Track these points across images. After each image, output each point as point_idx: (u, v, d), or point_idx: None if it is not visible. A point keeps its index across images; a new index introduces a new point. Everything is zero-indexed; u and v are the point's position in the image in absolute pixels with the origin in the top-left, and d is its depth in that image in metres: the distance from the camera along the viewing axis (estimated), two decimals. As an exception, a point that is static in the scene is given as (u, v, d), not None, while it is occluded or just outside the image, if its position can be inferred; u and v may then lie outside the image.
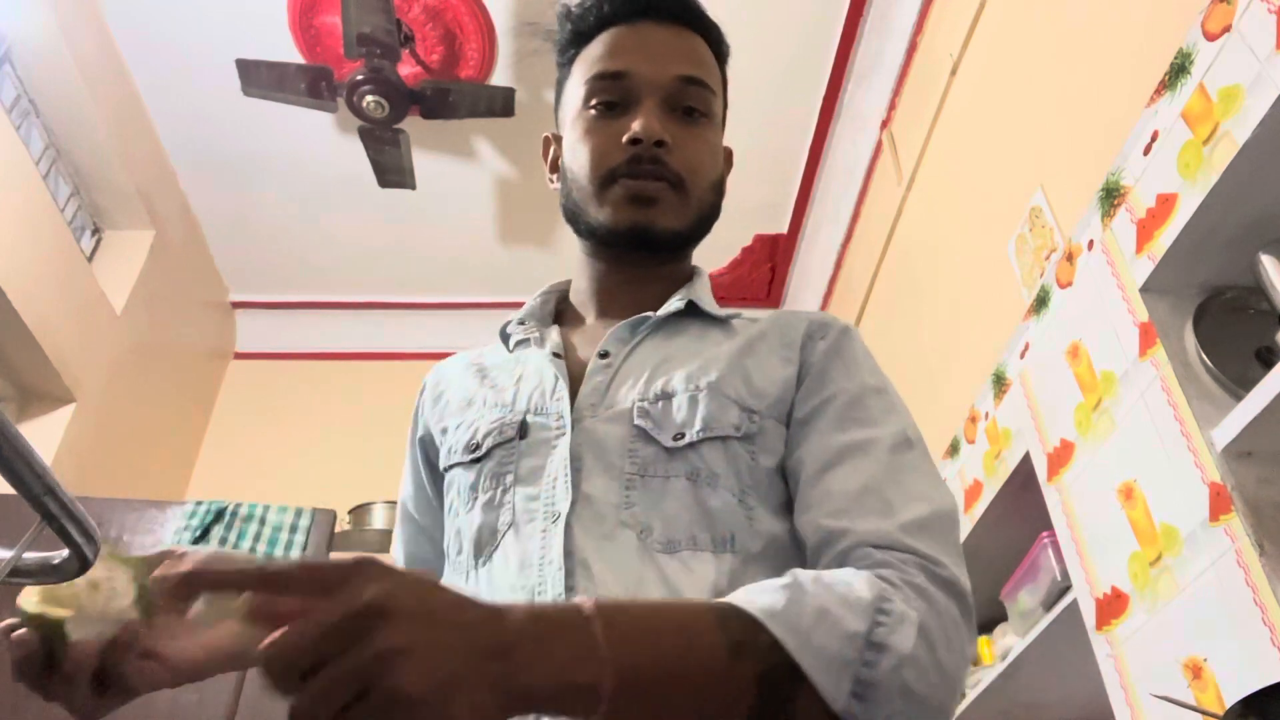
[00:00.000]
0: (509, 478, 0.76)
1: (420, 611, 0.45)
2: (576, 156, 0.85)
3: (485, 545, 0.75)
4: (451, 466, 0.82)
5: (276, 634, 0.42)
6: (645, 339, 0.83)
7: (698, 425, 0.73)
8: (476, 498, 0.77)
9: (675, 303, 0.85)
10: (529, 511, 0.73)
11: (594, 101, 0.85)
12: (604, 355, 0.81)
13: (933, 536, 0.66)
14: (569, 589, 0.67)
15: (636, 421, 0.74)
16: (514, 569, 0.71)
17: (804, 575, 0.60)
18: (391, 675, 0.42)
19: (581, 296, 0.91)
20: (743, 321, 0.86)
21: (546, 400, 0.79)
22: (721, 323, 0.86)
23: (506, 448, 0.78)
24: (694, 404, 0.75)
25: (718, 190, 0.88)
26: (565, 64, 0.91)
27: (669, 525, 0.70)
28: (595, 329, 0.87)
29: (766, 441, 0.75)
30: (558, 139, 0.92)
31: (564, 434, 0.75)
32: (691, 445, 0.73)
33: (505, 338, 0.91)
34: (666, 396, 0.76)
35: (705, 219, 0.87)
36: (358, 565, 0.46)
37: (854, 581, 0.59)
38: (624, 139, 0.81)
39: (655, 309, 0.85)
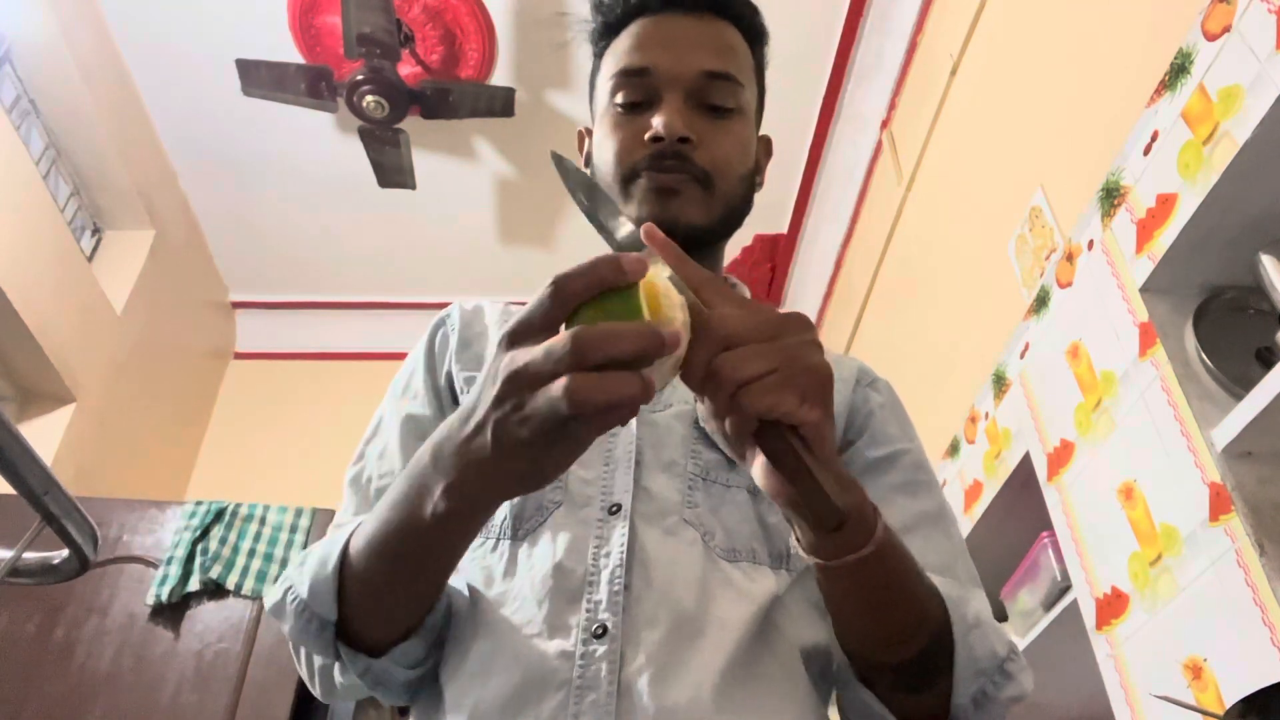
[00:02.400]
0: None
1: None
2: (602, 154, 0.83)
3: (529, 519, 0.71)
4: None
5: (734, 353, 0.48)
6: None
7: None
8: None
9: None
10: (584, 495, 0.71)
11: (618, 98, 0.83)
12: None
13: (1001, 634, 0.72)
14: (626, 586, 0.65)
15: (701, 423, 0.73)
16: (562, 550, 0.68)
17: (970, 593, 0.67)
18: (813, 357, 0.49)
19: None
20: None
21: None
22: None
23: None
24: None
25: (749, 183, 0.86)
26: (597, 55, 0.89)
27: (730, 534, 0.69)
28: None
29: None
30: (590, 133, 0.90)
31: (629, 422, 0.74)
32: None
33: None
34: None
35: (734, 213, 0.84)
36: (789, 315, 0.52)
37: (993, 620, 0.67)
38: (646, 136, 0.79)
39: None
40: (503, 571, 0.70)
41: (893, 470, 0.76)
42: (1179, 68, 1.44)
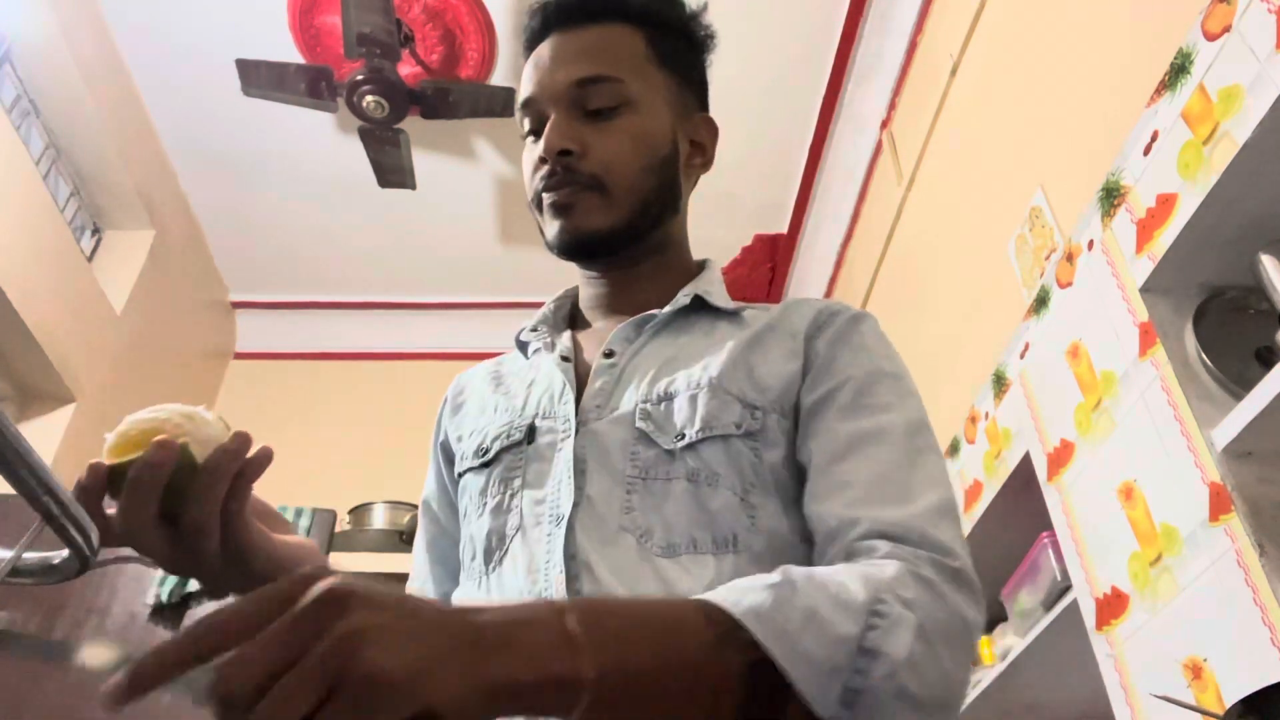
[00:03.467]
0: (516, 482, 0.76)
1: (380, 598, 0.40)
2: (524, 184, 0.88)
3: (494, 550, 0.75)
4: (464, 472, 0.83)
5: (221, 659, 0.37)
6: (652, 338, 0.83)
7: (697, 425, 0.72)
8: (486, 503, 0.78)
9: (681, 298, 0.84)
10: (535, 515, 0.73)
11: (524, 129, 0.88)
12: (609, 355, 0.81)
13: (948, 525, 0.64)
14: (572, 592, 0.67)
15: (638, 424, 0.74)
16: (522, 573, 0.71)
17: (796, 573, 0.56)
18: (361, 657, 0.37)
19: (587, 303, 0.92)
20: (754, 313, 0.85)
21: (554, 404, 0.79)
22: (731, 315, 0.85)
23: (514, 452, 0.78)
24: (694, 403, 0.74)
25: (663, 171, 0.85)
26: None
27: (669, 529, 0.69)
28: (603, 330, 0.86)
29: (770, 437, 0.73)
30: None
31: (569, 437, 0.75)
32: (691, 446, 0.72)
33: (522, 346, 0.91)
34: (669, 398, 0.75)
35: (648, 206, 0.84)
36: (304, 573, 0.41)
37: (848, 580, 0.56)
38: (537, 158, 0.84)
39: (661, 305, 0.84)
40: (485, 580, 0.75)
41: (833, 403, 0.74)
42: (1179, 68, 1.44)
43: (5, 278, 2.46)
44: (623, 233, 0.83)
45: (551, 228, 0.83)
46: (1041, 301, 1.85)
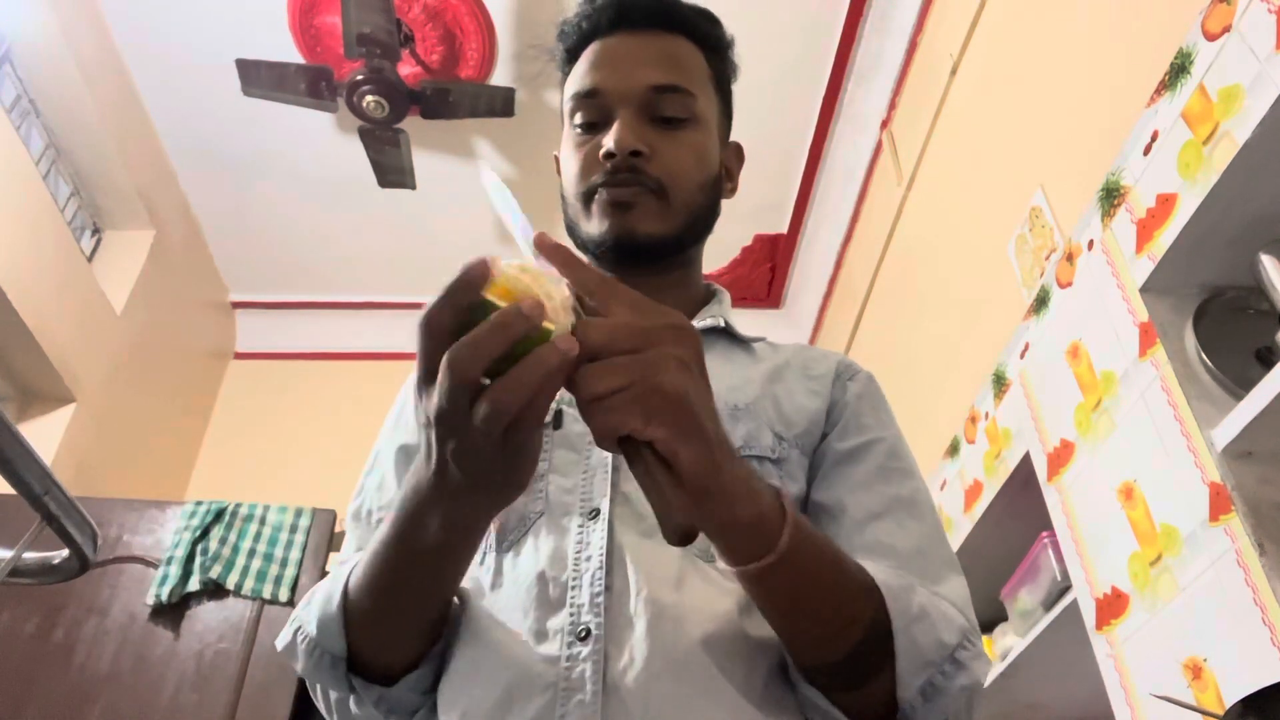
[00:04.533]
0: (543, 464, 0.75)
1: (703, 358, 0.52)
2: (566, 174, 0.87)
3: (512, 530, 0.74)
4: None
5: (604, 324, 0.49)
6: None
7: (739, 442, 0.74)
8: None
9: (709, 320, 0.86)
10: (564, 504, 0.73)
11: (576, 121, 0.86)
12: None
13: (971, 615, 0.70)
14: (607, 588, 0.67)
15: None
16: (544, 558, 0.70)
17: (907, 575, 0.65)
18: (666, 372, 0.48)
19: None
20: (765, 347, 0.88)
21: None
22: (745, 345, 0.87)
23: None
24: (733, 420, 0.76)
25: (711, 190, 0.87)
26: (562, 82, 0.92)
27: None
28: None
29: (791, 469, 0.76)
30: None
31: None
32: None
33: None
34: None
35: (696, 221, 0.86)
36: (677, 313, 0.52)
37: (949, 609, 0.65)
38: (600, 154, 0.82)
39: None
40: (490, 583, 0.72)
41: (866, 459, 0.77)
42: (1179, 68, 1.44)
43: (5, 278, 2.47)
44: (672, 242, 0.84)
45: (603, 224, 0.82)
46: (1041, 301, 1.85)
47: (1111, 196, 1.61)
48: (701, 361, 0.52)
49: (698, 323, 0.86)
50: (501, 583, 0.71)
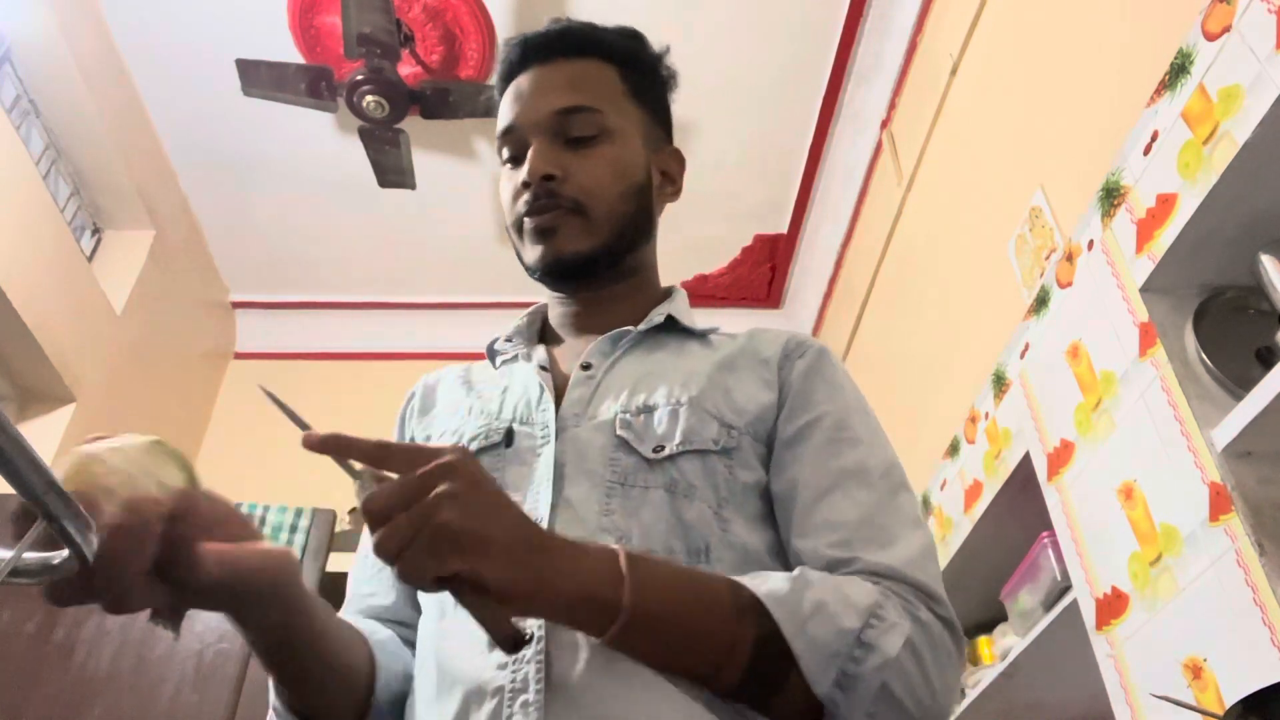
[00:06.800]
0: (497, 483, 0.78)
1: (482, 478, 0.56)
2: (504, 209, 0.91)
3: None
4: None
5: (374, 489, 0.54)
6: (626, 353, 0.86)
7: (678, 438, 0.75)
8: None
9: (656, 317, 0.88)
10: None
11: (503, 158, 0.91)
12: (586, 367, 0.84)
13: (933, 568, 0.70)
14: None
15: (619, 432, 0.77)
16: None
17: (811, 572, 0.65)
18: (443, 513, 0.52)
19: (558, 321, 0.95)
20: (720, 337, 0.89)
21: (532, 410, 0.81)
22: (700, 337, 0.89)
23: (492, 454, 0.79)
24: (675, 418, 0.77)
25: (637, 199, 0.89)
26: None
27: (646, 535, 0.72)
28: (577, 345, 0.90)
29: (743, 457, 0.77)
30: None
31: (548, 442, 0.77)
32: (671, 458, 0.75)
33: (492, 355, 0.94)
34: (648, 410, 0.78)
35: (624, 231, 0.88)
36: (450, 447, 0.56)
37: (853, 585, 0.65)
38: (519, 183, 0.87)
39: (634, 325, 0.88)
40: (452, 602, 0.73)
41: (813, 435, 0.78)
42: (1179, 68, 1.44)
43: (5, 278, 2.46)
44: (601, 256, 0.87)
45: (533, 252, 0.87)
46: (1041, 301, 1.85)
47: (1111, 196, 1.61)
48: (476, 479, 0.56)
49: (646, 323, 0.88)
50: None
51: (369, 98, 2.83)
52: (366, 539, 0.93)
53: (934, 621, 0.66)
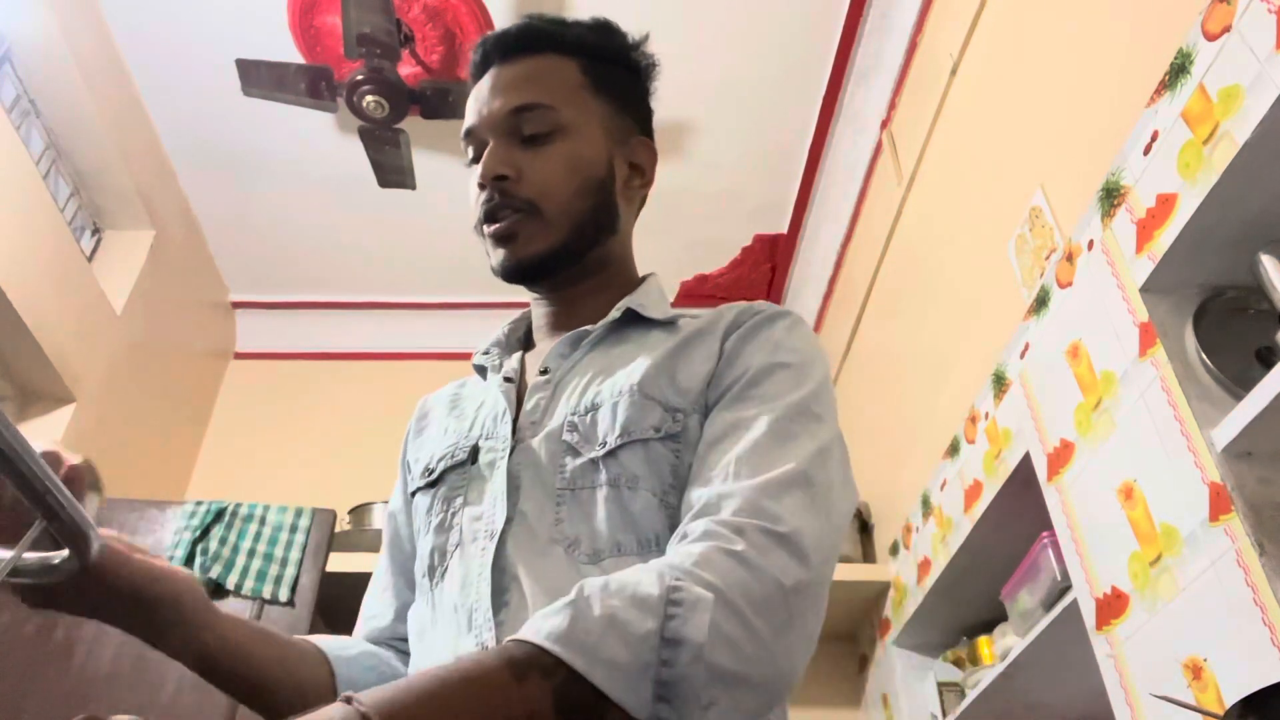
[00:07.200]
0: (458, 500, 0.79)
1: None
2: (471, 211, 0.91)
3: (437, 566, 0.78)
4: (414, 492, 0.87)
5: None
6: (588, 353, 0.86)
7: (617, 431, 0.75)
8: (431, 521, 0.81)
9: (614, 312, 0.87)
10: (473, 531, 0.76)
11: (467, 160, 0.91)
12: (544, 372, 0.85)
13: (790, 496, 0.64)
14: (500, 605, 0.70)
15: (565, 437, 0.77)
16: (457, 587, 0.74)
17: (591, 585, 0.57)
18: None
19: (536, 323, 0.95)
20: (688, 320, 0.87)
21: (496, 424, 0.82)
22: (666, 325, 0.87)
23: (458, 472, 0.81)
24: (614, 411, 0.76)
25: (596, 194, 0.88)
26: None
27: (595, 536, 0.71)
28: (546, 349, 0.90)
29: (690, 438, 0.75)
30: None
31: (505, 455, 0.78)
32: (612, 453, 0.74)
33: (480, 370, 0.94)
34: (594, 408, 0.78)
35: (584, 227, 0.87)
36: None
37: (642, 578, 0.57)
38: (476, 186, 0.87)
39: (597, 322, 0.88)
40: (429, 620, 0.77)
41: (725, 397, 0.76)
42: (1179, 68, 1.44)
43: (5, 278, 2.46)
44: (560, 254, 0.86)
45: (495, 256, 0.87)
46: (1041, 301, 1.85)
47: (1111, 196, 1.61)
48: None
49: (605, 319, 0.87)
50: (436, 617, 0.76)
51: (369, 98, 2.83)
52: (379, 562, 0.97)
53: (758, 551, 0.59)
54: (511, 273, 0.87)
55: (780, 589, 0.59)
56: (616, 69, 0.93)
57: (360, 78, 2.81)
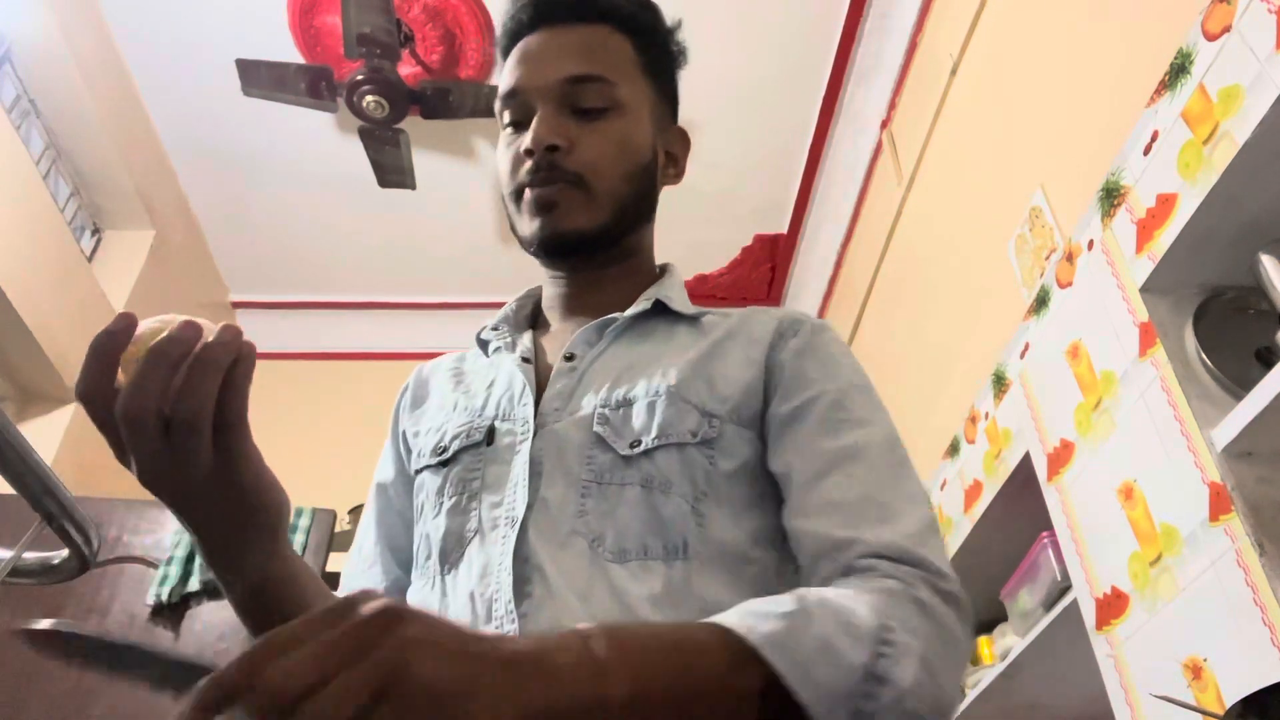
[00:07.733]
0: (475, 484, 0.76)
1: (431, 618, 0.43)
2: (500, 177, 0.87)
3: (451, 552, 0.75)
4: (420, 470, 0.83)
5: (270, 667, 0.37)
6: (613, 342, 0.83)
7: (653, 432, 0.73)
8: (443, 503, 0.77)
9: (642, 303, 0.85)
10: (493, 519, 0.73)
11: (504, 122, 0.86)
12: (569, 358, 0.82)
13: (936, 543, 0.66)
14: (523, 595, 0.67)
15: (596, 428, 0.74)
16: (476, 576, 0.71)
17: (810, 597, 0.58)
18: (416, 666, 0.39)
19: (549, 303, 0.92)
20: (713, 319, 0.85)
21: (514, 405, 0.79)
22: (691, 320, 0.85)
23: (473, 453, 0.78)
24: (652, 410, 0.74)
25: (641, 179, 0.86)
26: None
27: (621, 534, 0.70)
28: (564, 332, 0.86)
29: (725, 446, 0.74)
30: None
31: (527, 439, 0.75)
32: (646, 453, 0.72)
33: (483, 344, 0.91)
34: (627, 403, 0.76)
35: (626, 211, 0.84)
36: (352, 596, 0.42)
37: (857, 607, 0.58)
38: (521, 151, 0.82)
39: (623, 309, 0.85)
40: (439, 608, 0.74)
41: (808, 417, 0.74)
42: (1179, 68, 1.44)
43: (5, 278, 2.46)
44: (601, 235, 0.83)
45: (531, 225, 0.82)
46: (1041, 301, 1.85)
47: (1111, 196, 1.61)
48: (431, 621, 0.43)
49: (633, 309, 0.84)
50: (447, 604, 0.73)
51: (369, 98, 2.83)
52: (362, 535, 0.92)
53: (937, 603, 0.62)
54: (547, 242, 0.82)
55: (959, 649, 0.62)
56: (662, 51, 0.90)
57: (360, 78, 2.81)
